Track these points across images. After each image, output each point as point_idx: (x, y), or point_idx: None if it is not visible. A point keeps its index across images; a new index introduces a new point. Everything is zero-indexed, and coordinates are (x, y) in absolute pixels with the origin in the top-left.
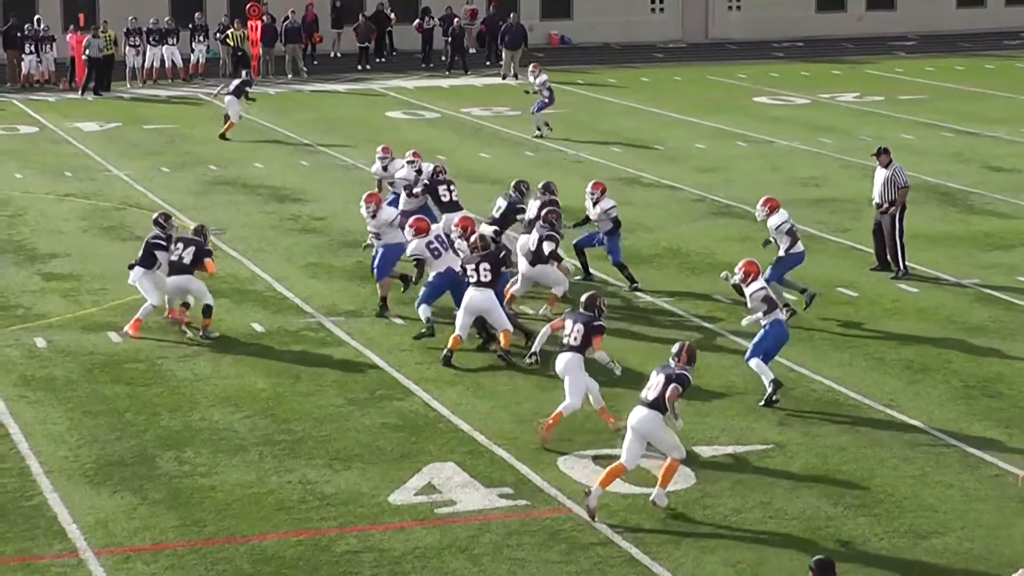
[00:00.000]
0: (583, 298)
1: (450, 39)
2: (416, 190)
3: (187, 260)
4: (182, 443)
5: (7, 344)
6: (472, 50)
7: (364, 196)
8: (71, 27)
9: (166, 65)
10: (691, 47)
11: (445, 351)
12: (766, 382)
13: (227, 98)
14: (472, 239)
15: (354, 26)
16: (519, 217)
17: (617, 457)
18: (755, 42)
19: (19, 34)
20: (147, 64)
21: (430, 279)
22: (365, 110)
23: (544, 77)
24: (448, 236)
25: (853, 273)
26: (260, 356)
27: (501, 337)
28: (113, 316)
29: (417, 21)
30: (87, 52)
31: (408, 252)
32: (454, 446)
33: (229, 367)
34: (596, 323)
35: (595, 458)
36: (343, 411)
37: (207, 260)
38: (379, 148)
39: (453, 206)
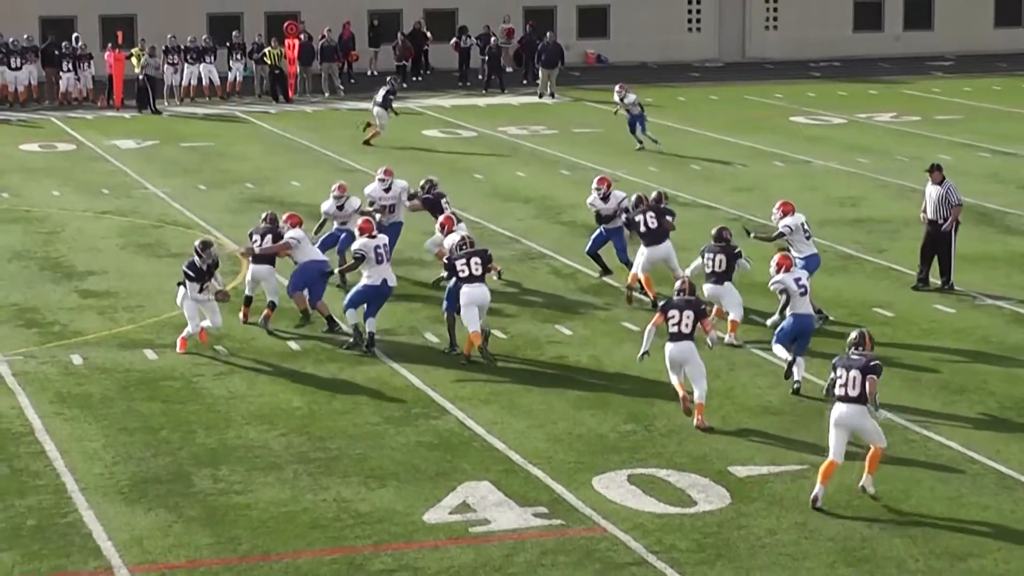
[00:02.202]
0: (682, 284)
1: (487, 58)
2: (415, 202)
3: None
4: (217, 461)
5: (43, 361)
6: (509, 69)
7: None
8: (109, 45)
9: (203, 83)
10: (728, 66)
11: (466, 355)
12: (785, 365)
13: (375, 109)
14: (455, 237)
15: (392, 44)
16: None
17: (652, 476)
18: (792, 61)
19: (57, 52)
20: (184, 82)
21: (364, 283)
22: (402, 128)
23: (633, 96)
24: (388, 249)
25: (890, 293)
26: (295, 374)
27: (472, 337)
28: (149, 333)
29: (454, 40)
30: (144, 71)
31: (354, 246)
32: (489, 465)
33: (264, 385)
34: (703, 307)
35: (630, 477)
36: (378, 429)
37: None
38: (335, 186)
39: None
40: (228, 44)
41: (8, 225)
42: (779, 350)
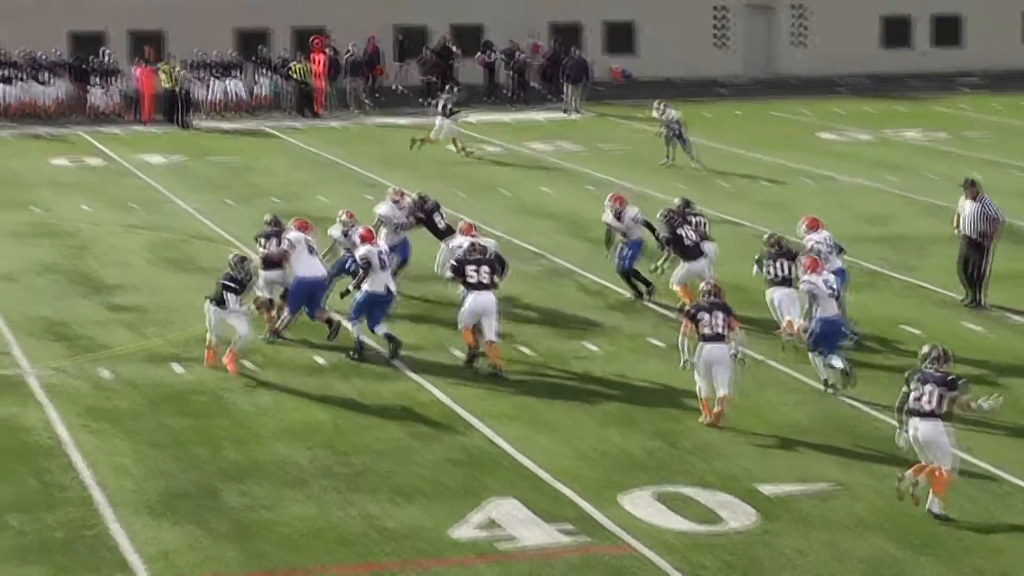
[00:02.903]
0: (708, 287)
1: (513, 73)
2: (409, 219)
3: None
4: (245, 476)
5: (73, 375)
6: (535, 84)
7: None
8: (137, 60)
9: (230, 98)
10: (755, 83)
11: (469, 355)
12: (821, 375)
13: (438, 119)
14: (469, 243)
15: (418, 59)
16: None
17: (679, 494)
18: (819, 78)
19: (86, 67)
20: (212, 97)
21: (367, 290)
22: (428, 144)
23: (674, 112)
24: (390, 255)
25: (918, 311)
26: (322, 389)
27: (489, 350)
28: (178, 348)
29: (480, 55)
30: (181, 85)
31: (358, 254)
32: (515, 481)
33: (291, 400)
34: (730, 308)
35: (657, 495)
36: (404, 445)
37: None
38: (343, 212)
39: (449, 231)
40: (255, 59)
41: (38, 239)
42: (815, 359)
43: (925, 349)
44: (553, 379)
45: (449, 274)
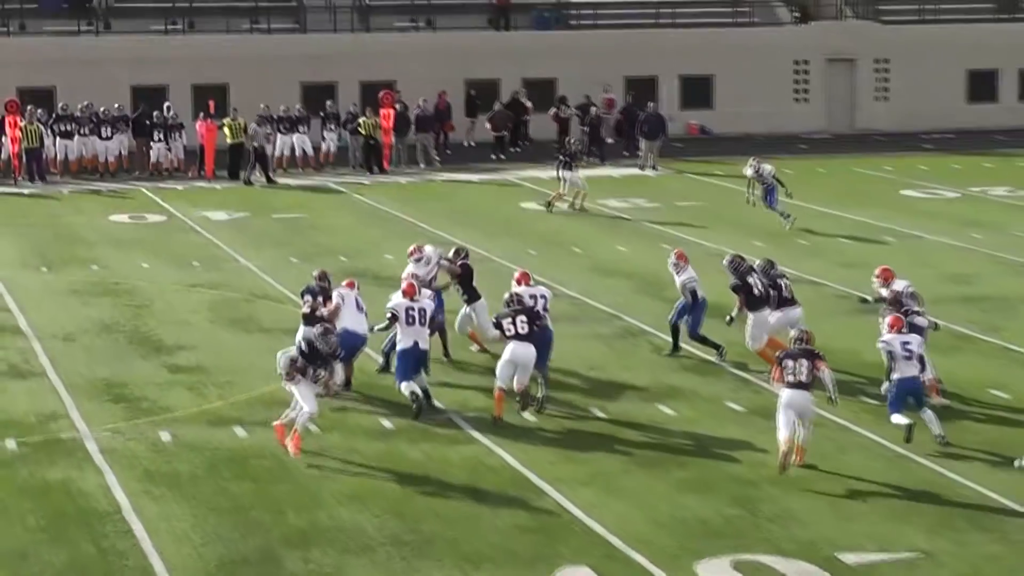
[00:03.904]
0: (799, 333)
1: (587, 128)
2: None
3: (311, 309)
4: (308, 542)
5: (131, 438)
6: (609, 140)
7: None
8: (200, 115)
9: (296, 153)
10: (836, 138)
11: (496, 416)
12: (904, 431)
13: (561, 173)
14: (507, 295)
15: (489, 115)
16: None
17: (757, 563)
18: (903, 133)
19: (148, 121)
20: (277, 152)
21: (399, 349)
22: (499, 201)
23: (770, 167)
24: (425, 314)
25: (1006, 375)
26: (389, 453)
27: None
28: (239, 410)
29: (553, 110)
30: (254, 142)
31: (388, 304)
32: (588, 549)
33: (357, 464)
34: (818, 353)
35: (734, 564)
36: (473, 511)
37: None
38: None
39: (477, 296)
40: (322, 114)
41: (97, 298)
42: (896, 419)
43: None
44: (627, 443)
45: (494, 333)
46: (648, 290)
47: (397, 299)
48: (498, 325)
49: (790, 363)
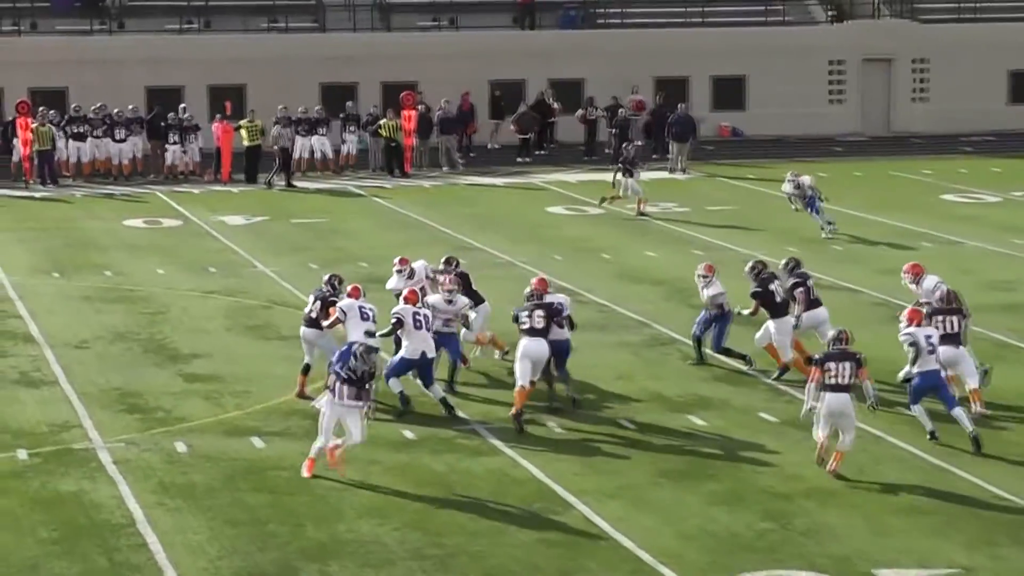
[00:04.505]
0: (840, 335)
1: (615, 130)
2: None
3: (314, 314)
4: (327, 556)
5: (146, 448)
6: (639, 142)
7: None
8: (217, 116)
9: (316, 156)
10: (872, 141)
11: (515, 412)
12: (926, 428)
13: (620, 176)
14: (528, 290)
15: (514, 116)
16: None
17: None
18: (942, 136)
19: (163, 123)
20: (296, 155)
21: (402, 355)
22: (524, 205)
23: (808, 178)
24: (431, 318)
25: None
26: (410, 465)
27: (519, 392)
28: (257, 420)
29: (581, 112)
30: (277, 143)
31: (394, 310)
32: (616, 564)
33: (378, 476)
34: (859, 356)
35: None
36: (498, 525)
37: (330, 308)
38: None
39: (480, 301)
40: (342, 115)
41: (110, 305)
42: (917, 411)
43: None
44: (656, 455)
45: (476, 337)
46: (678, 297)
47: (401, 305)
48: (516, 318)
49: (832, 365)
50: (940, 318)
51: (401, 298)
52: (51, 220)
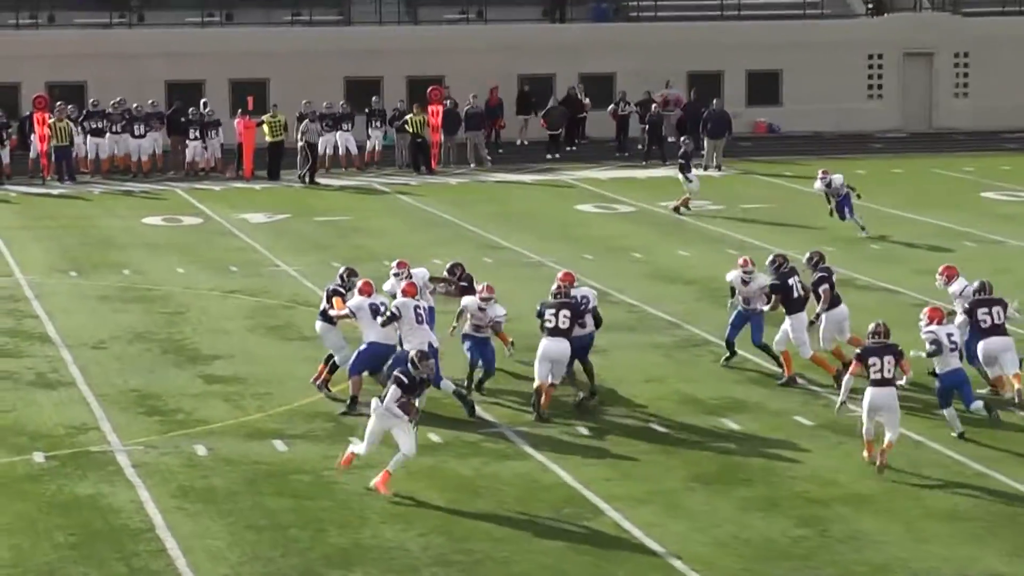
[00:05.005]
0: (877, 328)
1: (647, 126)
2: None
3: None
4: (350, 562)
5: (165, 451)
6: (671, 138)
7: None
8: (239, 111)
9: (340, 152)
10: (912, 137)
11: (536, 410)
12: (956, 429)
13: (681, 176)
14: (555, 287)
15: (543, 112)
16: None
17: None
18: (984, 132)
19: (183, 119)
20: (320, 151)
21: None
22: (553, 203)
23: (840, 177)
24: (430, 311)
25: None
26: (436, 469)
27: (544, 389)
28: (279, 423)
29: (612, 107)
30: (304, 138)
31: (393, 303)
32: (647, 571)
33: (402, 481)
34: (900, 348)
35: None
36: (525, 531)
37: (336, 299)
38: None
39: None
40: (367, 110)
41: (129, 304)
42: (949, 415)
43: None
44: (688, 459)
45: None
46: (711, 297)
47: (401, 299)
48: (540, 314)
49: (875, 359)
50: (984, 309)
51: (400, 291)
52: (68, 218)
